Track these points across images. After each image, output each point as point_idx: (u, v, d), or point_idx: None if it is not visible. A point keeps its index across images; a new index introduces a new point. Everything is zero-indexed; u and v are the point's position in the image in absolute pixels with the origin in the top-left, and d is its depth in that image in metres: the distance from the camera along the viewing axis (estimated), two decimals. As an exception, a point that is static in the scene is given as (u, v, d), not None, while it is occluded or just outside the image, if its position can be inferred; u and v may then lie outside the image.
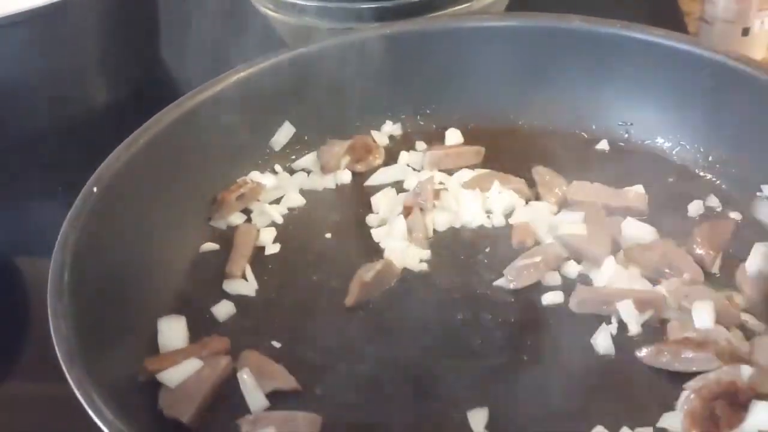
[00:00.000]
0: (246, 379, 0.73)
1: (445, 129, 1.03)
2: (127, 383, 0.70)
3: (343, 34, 1.03)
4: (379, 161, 1.01)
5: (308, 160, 1.01)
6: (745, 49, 1.09)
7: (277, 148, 1.01)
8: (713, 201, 0.88)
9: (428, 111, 1.06)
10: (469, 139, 1.02)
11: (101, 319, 0.70)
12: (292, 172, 1.00)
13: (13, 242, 1.04)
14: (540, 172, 0.94)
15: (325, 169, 0.99)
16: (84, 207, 0.77)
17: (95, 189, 0.79)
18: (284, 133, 1.01)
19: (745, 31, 1.11)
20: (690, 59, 0.92)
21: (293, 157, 1.02)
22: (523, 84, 1.03)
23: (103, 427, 0.56)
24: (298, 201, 0.97)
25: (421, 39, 1.02)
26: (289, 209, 0.96)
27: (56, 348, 0.62)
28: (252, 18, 1.21)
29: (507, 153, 0.99)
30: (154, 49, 1.30)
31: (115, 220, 0.80)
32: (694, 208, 0.87)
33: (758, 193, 0.86)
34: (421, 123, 1.06)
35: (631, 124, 0.99)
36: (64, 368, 0.61)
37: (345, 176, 1.00)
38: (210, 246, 0.90)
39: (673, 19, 1.27)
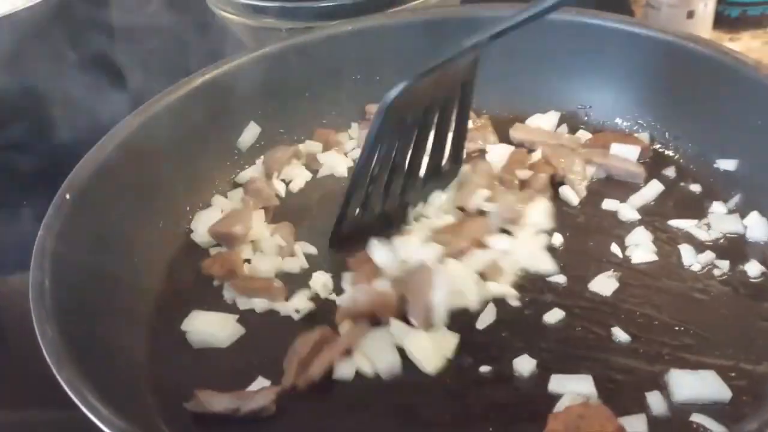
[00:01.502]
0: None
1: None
2: (118, 383, 0.70)
3: (304, 33, 1.05)
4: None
5: (249, 173, 1.00)
6: (690, 31, 1.13)
7: (244, 149, 1.02)
8: (670, 171, 0.92)
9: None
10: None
11: (85, 322, 0.70)
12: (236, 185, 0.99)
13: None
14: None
15: (271, 174, 0.99)
16: (58, 214, 0.77)
17: (68, 196, 0.79)
18: (250, 133, 1.02)
19: (690, 14, 1.16)
20: (642, 41, 0.95)
21: (262, 156, 1.02)
22: (482, 73, 1.04)
23: (100, 425, 0.57)
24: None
25: (382, 34, 1.04)
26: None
27: (44, 351, 0.62)
28: (210, 23, 1.21)
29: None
30: (112, 61, 1.28)
31: (89, 226, 0.79)
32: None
33: (714, 165, 0.90)
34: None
35: (590, 106, 1.02)
36: (54, 370, 0.61)
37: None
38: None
39: (619, 6, 1.31)
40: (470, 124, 1.01)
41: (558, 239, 0.85)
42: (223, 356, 0.78)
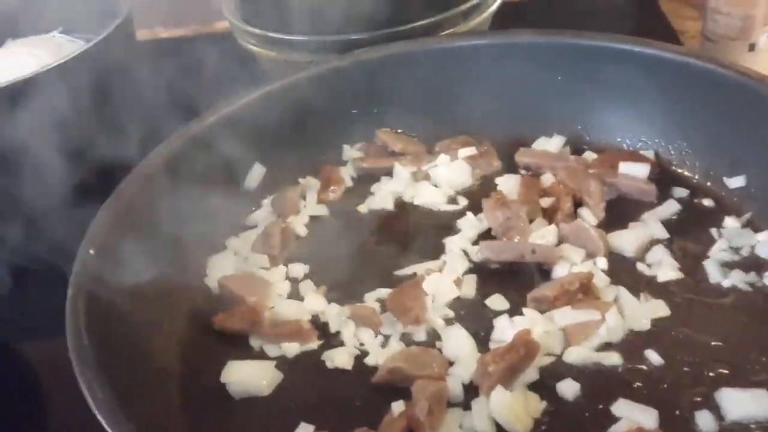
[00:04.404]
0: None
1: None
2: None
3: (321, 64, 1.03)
4: (341, 189, 1.02)
5: (260, 215, 0.99)
6: (752, 65, 1.04)
7: (250, 190, 1.00)
8: (679, 187, 0.94)
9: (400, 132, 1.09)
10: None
11: (127, 375, 0.69)
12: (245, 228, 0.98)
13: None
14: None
15: (282, 216, 0.98)
16: (85, 270, 0.75)
17: (91, 251, 0.77)
18: (256, 174, 1.01)
19: (752, 47, 1.13)
20: (640, 60, 0.95)
21: (269, 197, 1.01)
22: (482, 99, 1.05)
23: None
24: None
25: (381, 66, 1.04)
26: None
27: (98, 415, 0.60)
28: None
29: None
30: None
31: (111, 281, 0.77)
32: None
33: (723, 180, 0.92)
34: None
35: (591, 126, 1.02)
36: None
37: (321, 210, 1.00)
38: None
39: (664, 37, 1.29)
40: (474, 150, 1.02)
41: (603, 263, 0.85)
42: (261, 405, 0.76)
